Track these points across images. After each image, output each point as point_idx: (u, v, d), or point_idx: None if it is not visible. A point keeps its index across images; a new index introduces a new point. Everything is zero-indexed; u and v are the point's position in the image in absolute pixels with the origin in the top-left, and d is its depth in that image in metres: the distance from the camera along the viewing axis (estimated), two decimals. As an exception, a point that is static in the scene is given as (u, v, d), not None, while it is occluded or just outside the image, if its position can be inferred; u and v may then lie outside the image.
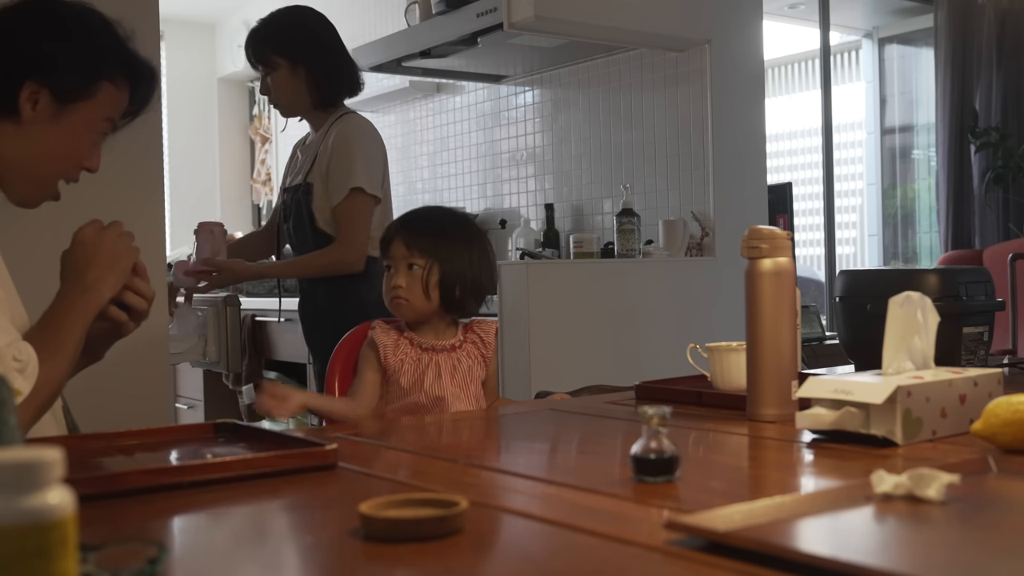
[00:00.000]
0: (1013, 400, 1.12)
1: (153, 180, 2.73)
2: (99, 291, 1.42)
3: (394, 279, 1.80)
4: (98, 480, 1.02)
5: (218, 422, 1.37)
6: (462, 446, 1.42)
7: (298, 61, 2.75)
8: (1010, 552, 0.77)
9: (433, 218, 1.91)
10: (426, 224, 1.85)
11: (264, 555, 0.85)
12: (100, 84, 1.46)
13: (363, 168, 2.68)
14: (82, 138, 1.48)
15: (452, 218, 1.92)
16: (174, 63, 6.00)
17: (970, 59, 5.27)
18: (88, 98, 1.46)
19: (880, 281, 1.89)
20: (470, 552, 0.82)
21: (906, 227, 6.15)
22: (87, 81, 1.45)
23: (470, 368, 1.84)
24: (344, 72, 2.84)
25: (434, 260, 1.79)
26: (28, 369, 1.30)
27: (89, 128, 1.48)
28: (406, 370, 1.80)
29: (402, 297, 1.79)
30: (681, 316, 3.26)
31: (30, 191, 1.49)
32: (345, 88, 2.85)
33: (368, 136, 2.77)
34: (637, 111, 3.74)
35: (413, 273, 1.79)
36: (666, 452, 1.03)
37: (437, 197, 4.68)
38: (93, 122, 1.48)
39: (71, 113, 1.45)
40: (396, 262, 1.81)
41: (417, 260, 1.79)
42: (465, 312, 1.87)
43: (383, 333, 1.83)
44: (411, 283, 1.79)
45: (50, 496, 0.55)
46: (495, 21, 3.27)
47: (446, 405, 1.79)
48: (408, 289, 1.79)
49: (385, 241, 1.85)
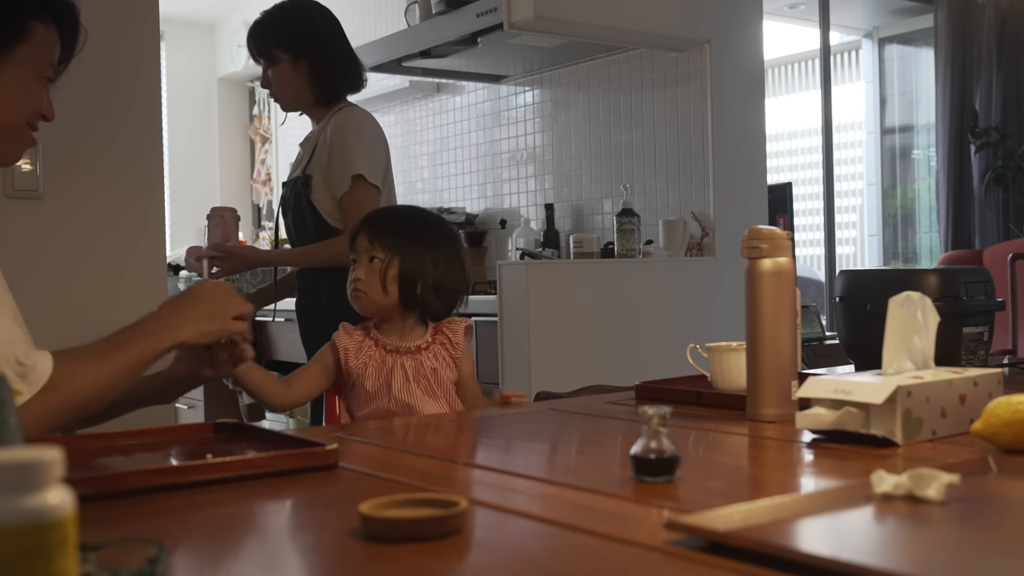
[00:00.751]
0: (1013, 400, 1.12)
1: (153, 180, 2.73)
2: (179, 330, 1.45)
3: (355, 272, 1.80)
4: (98, 480, 1.03)
5: (218, 422, 1.37)
6: (462, 446, 1.42)
7: (300, 55, 2.73)
8: (1010, 552, 0.77)
9: (401, 215, 1.93)
10: (392, 220, 1.86)
11: (264, 555, 0.85)
12: (30, 24, 1.46)
13: (363, 157, 2.66)
14: (32, 84, 1.48)
15: (421, 217, 1.90)
16: (174, 63, 6.00)
17: (970, 59, 5.27)
18: (24, 39, 1.46)
19: (880, 281, 1.89)
20: (470, 552, 0.82)
21: (906, 227, 6.15)
22: (17, 21, 1.45)
23: (435, 371, 1.80)
24: (347, 68, 2.82)
25: (394, 254, 1.78)
26: (31, 375, 1.29)
27: (36, 73, 1.48)
28: (370, 373, 1.77)
29: (360, 289, 1.78)
30: (681, 316, 3.26)
31: (3, 144, 1.49)
32: (348, 84, 2.83)
33: (368, 125, 2.75)
34: (637, 111, 3.74)
35: (373, 266, 1.78)
36: (666, 452, 1.03)
37: (437, 197, 4.68)
38: (37, 67, 1.48)
39: (14, 59, 1.45)
40: (359, 255, 1.81)
41: (378, 253, 1.78)
42: (429, 312, 1.82)
43: (346, 336, 1.81)
44: (370, 276, 1.78)
45: (50, 496, 0.55)
46: (495, 21, 3.27)
47: (416, 411, 1.75)
48: (367, 282, 1.78)
49: (352, 235, 1.84)
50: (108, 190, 2.64)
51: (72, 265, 2.48)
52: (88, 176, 2.60)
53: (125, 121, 2.67)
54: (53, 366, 1.32)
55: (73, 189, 2.57)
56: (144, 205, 2.70)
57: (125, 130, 2.67)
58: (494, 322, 3.05)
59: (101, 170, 2.62)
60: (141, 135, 2.71)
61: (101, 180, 2.63)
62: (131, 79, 2.50)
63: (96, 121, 2.50)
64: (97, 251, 2.56)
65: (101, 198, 2.61)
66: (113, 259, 2.59)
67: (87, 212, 2.58)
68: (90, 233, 2.57)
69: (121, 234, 2.64)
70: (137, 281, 2.61)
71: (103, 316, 2.48)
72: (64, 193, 2.56)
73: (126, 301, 2.51)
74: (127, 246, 2.63)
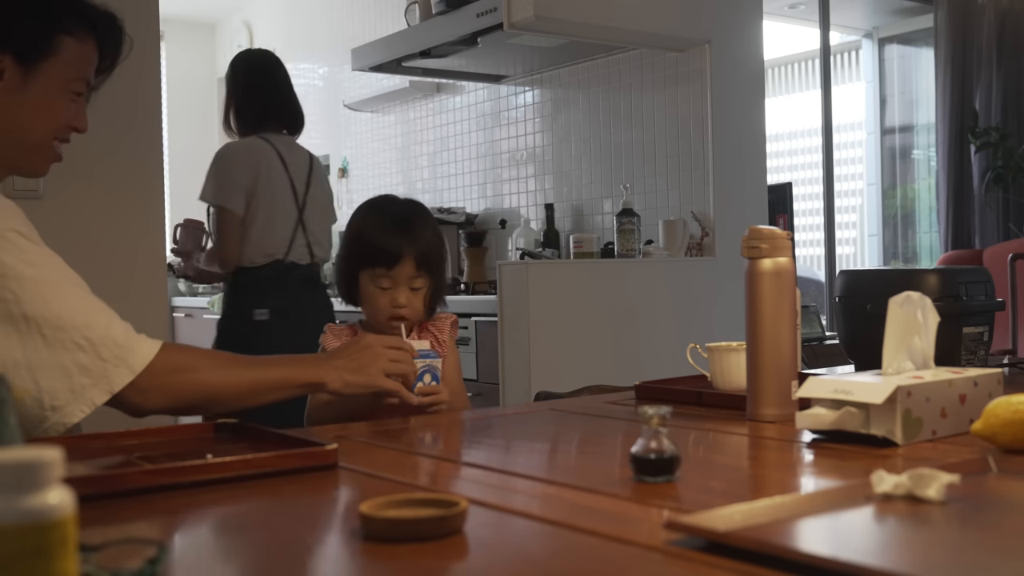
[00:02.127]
0: (1013, 400, 1.12)
1: (153, 180, 2.73)
2: (325, 374, 1.51)
3: (397, 297, 1.72)
4: (98, 480, 1.02)
5: (218, 422, 1.37)
6: (462, 446, 1.42)
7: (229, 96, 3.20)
8: (1010, 552, 0.77)
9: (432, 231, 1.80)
10: (428, 241, 1.76)
11: (264, 555, 0.85)
12: (59, 38, 1.46)
13: (208, 185, 3.02)
14: (59, 99, 1.48)
15: (434, 225, 1.83)
16: (174, 63, 6.00)
17: (970, 59, 5.27)
18: (51, 55, 1.45)
19: (880, 281, 1.89)
20: (470, 552, 0.82)
21: (906, 227, 6.15)
22: (44, 36, 1.45)
23: None
24: (243, 105, 3.16)
25: (434, 278, 1.76)
26: (132, 358, 1.39)
27: (64, 88, 1.48)
28: None
29: (406, 316, 1.73)
30: (681, 316, 3.26)
31: (29, 159, 1.49)
32: (244, 121, 3.15)
33: (222, 154, 3.04)
34: (637, 111, 3.74)
35: (416, 293, 1.73)
36: (666, 452, 1.03)
37: (437, 197, 4.68)
38: (66, 81, 1.48)
39: (40, 74, 1.45)
40: (398, 282, 1.72)
41: (422, 282, 1.74)
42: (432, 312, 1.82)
43: (333, 338, 1.77)
44: (413, 301, 1.73)
45: (50, 496, 0.55)
46: (495, 21, 3.27)
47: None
48: (411, 308, 1.73)
49: (388, 256, 1.72)
50: (108, 191, 2.64)
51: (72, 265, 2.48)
52: (88, 176, 2.60)
53: (125, 121, 2.68)
54: (160, 352, 1.41)
55: (73, 189, 2.57)
56: (144, 205, 2.70)
57: (125, 130, 2.67)
58: (494, 322, 3.05)
59: (101, 170, 2.63)
60: (141, 135, 2.71)
61: (101, 180, 2.63)
62: (131, 79, 2.49)
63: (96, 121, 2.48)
64: (97, 251, 2.56)
65: (101, 198, 2.62)
66: (113, 259, 2.59)
67: (87, 212, 2.58)
68: (90, 233, 2.58)
69: (121, 234, 2.64)
70: (137, 281, 2.61)
71: (103, 316, 2.47)
72: (64, 193, 2.56)
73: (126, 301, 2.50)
74: (127, 246, 2.63)
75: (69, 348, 1.35)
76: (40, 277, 1.37)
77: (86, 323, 1.37)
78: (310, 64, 5.59)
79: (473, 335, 3.32)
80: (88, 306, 1.39)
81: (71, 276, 1.43)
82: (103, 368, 1.36)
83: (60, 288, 1.38)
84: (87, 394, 1.36)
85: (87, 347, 1.36)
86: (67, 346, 1.35)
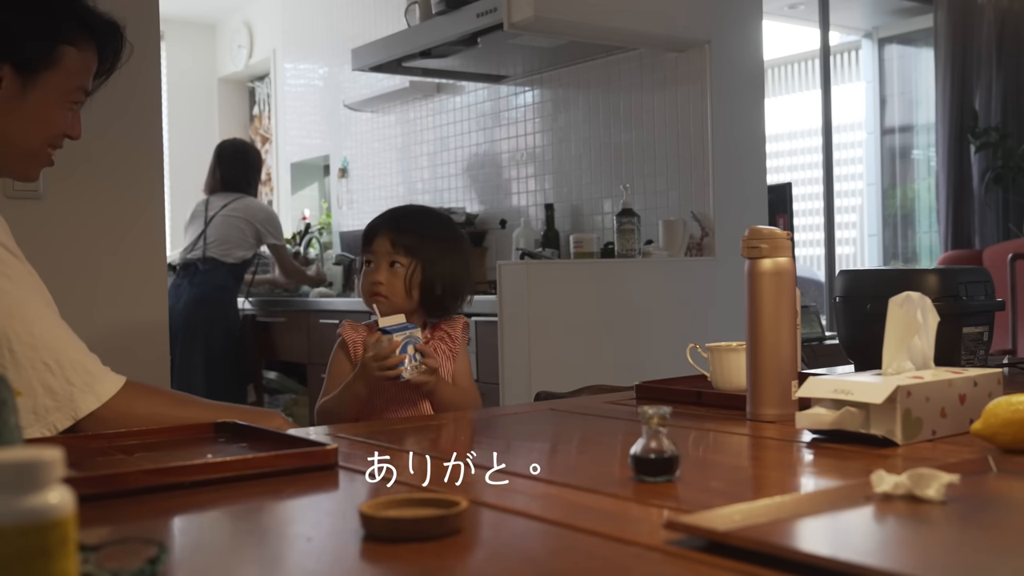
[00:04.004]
0: (1013, 400, 1.12)
1: (153, 180, 2.73)
2: (272, 422, 1.54)
3: (375, 275, 1.81)
4: (98, 480, 1.02)
5: (218, 422, 1.37)
6: (461, 446, 1.42)
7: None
8: (1010, 552, 0.77)
9: (419, 217, 1.91)
10: (412, 222, 1.86)
11: (264, 555, 0.85)
12: (62, 49, 1.45)
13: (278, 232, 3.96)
14: (56, 109, 1.47)
15: (437, 219, 1.93)
16: (174, 63, 6.00)
17: (970, 59, 5.27)
18: (52, 66, 1.44)
19: (880, 281, 1.89)
20: (470, 552, 0.82)
21: (906, 227, 6.15)
22: (47, 48, 1.44)
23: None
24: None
25: (418, 260, 1.80)
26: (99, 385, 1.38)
27: (63, 98, 1.47)
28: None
29: (382, 294, 1.80)
30: (681, 316, 3.26)
31: (20, 165, 1.48)
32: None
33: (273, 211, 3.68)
34: (637, 111, 3.74)
35: (395, 271, 1.80)
36: (666, 452, 1.03)
37: (437, 197, 4.68)
38: (65, 92, 1.47)
39: (39, 84, 1.44)
40: (378, 258, 1.81)
41: (400, 258, 1.80)
42: (445, 312, 1.87)
43: (352, 331, 1.84)
44: (392, 280, 1.80)
45: (50, 496, 0.55)
46: (495, 21, 3.27)
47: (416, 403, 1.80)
48: (388, 286, 1.79)
49: (368, 235, 1.85)
50: (108, 191, 2.64)
51: (72, 265, 2.48)
52: (88, 176, 2.60)
53: (125, 121, 2.67)
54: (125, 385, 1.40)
55: (73, 189, 2.57)
56: (144, 205, 2.70)
57: (125, 130, 2.67)
58: (494, 322, 3.05)
59: (101, 170, 2.62)
60: (141, 135, 2.71)
61: (101, 180, 2.63)
62: (131, 79, 2.49)
63: (96, 121, 2.49)
64: (97, 251, 2.56)
65: (101, 198, 2.62)
66: (113, 259, 2.59)
67: (87, 212, 2.58)
68: (90, 233, 2.57)
69: (121, 234, 2.64)
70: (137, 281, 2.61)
71: (103, 316, 2.48)
72: (64, 193, 2.56)
73: (126, 301, 2.51)
74: (127, 246, 2.63)
75: (37, 368, 1.32)
76: (17, 293, 1.34)
77: (57, 345, 1.34)
78: (310, 64, 5.59)
79: (473, 335, 3.32)
80: (60, 329, 1.38)
81: (46, 297, 1.41)
82: (69, 392, 1.34)
83: (35, 306, 1.36)
84: (50, 417, 1.33)
85: (56, 369, 1.33)
86: (35, 365, 1.32)
